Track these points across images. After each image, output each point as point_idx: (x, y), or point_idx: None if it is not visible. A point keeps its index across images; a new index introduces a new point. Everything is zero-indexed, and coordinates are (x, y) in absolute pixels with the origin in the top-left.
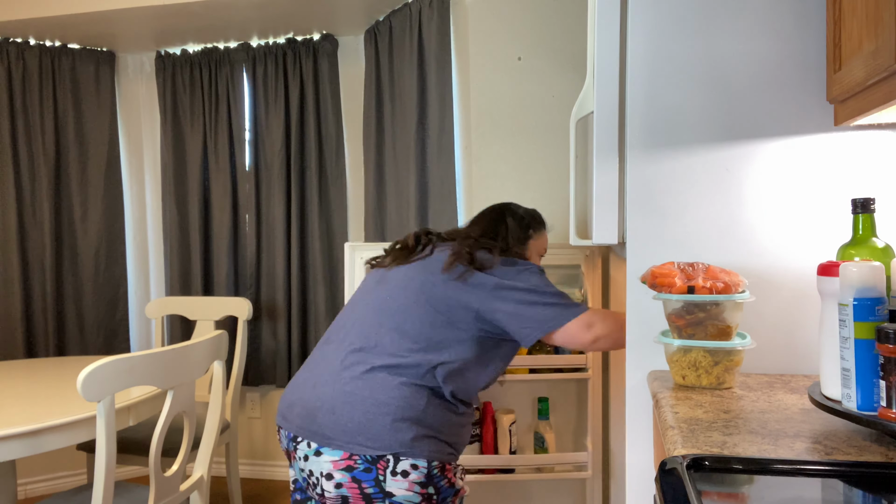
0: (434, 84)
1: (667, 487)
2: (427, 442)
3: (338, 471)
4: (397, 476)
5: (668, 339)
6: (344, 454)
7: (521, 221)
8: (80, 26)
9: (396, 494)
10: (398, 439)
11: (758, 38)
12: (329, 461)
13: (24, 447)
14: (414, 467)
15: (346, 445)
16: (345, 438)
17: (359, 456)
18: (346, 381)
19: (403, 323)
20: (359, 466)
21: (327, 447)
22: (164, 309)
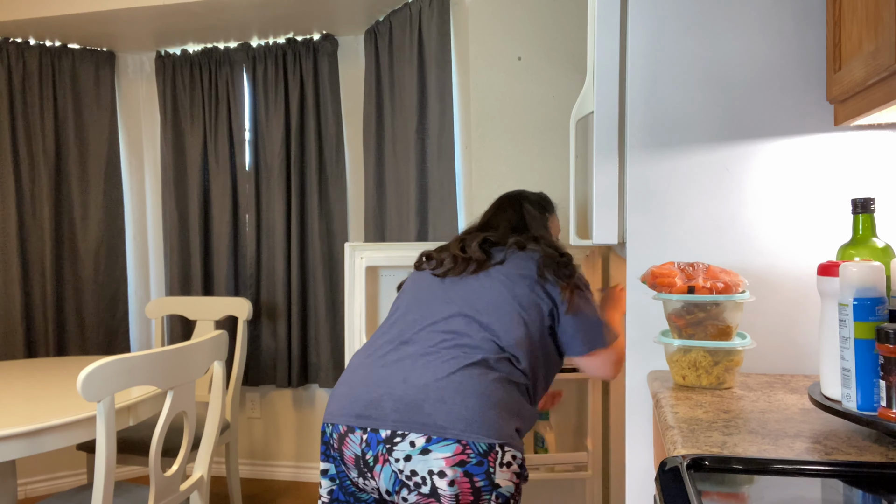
0: (434, 84)
1: (667, 487)
2: (518, 433)
3: (450, 467)
4: (503, 467)
5: (668, 339)
6: (458, 448)
7: (539, 206)
8: (80, 26)
9: (502, 486)
10: (505, 430)
11: (758, 38)
12: (441, 458)
13: (24, 447)
14: (514, 458)
15: (462, 434)
16: (461, 426)
17: (472, 448)
18: (452, 373)
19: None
20: (472, 460)
21: (440, 439)
22: (164, 309)
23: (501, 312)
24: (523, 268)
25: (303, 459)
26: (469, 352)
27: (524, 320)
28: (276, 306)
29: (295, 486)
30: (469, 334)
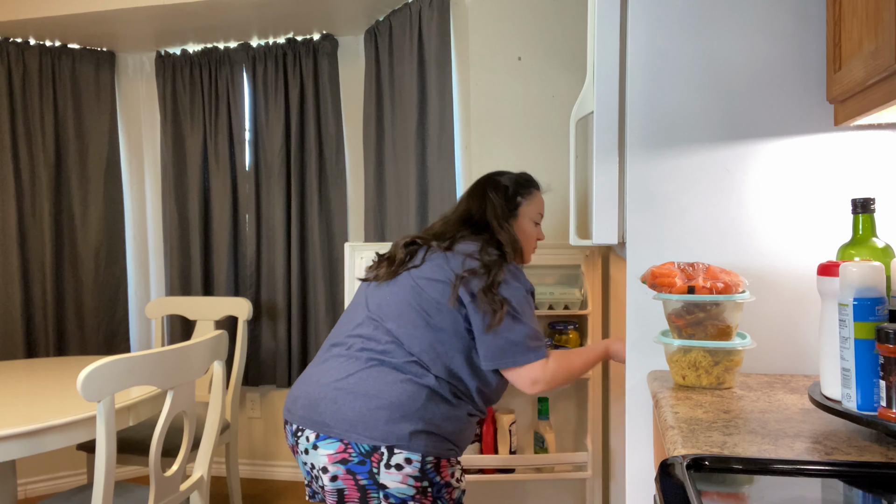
0: (434, 84)
1: (667, 487)
2: (423, 437)
3: (332, 464)
4: (391, 469)
5: (668, 339)
6: (340, 446)
7: (506, 193)
8: (80, 26)
9: (390, 486)
10: (394, 433)
11: (758, 38)
12: (325, 454)
13: (24, 447)
14: (408, 461)
15: (344, 434)
16: (343, 427)
17: (353, 448)
18: (350, 375)
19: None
20: (353, 459)
21: (325, 437)
22: (164, 309)
23: (404, 319)
24: (439, 272)
25: None
26: (375, 355)
27: (430, 325)
28: (276, 306)
29: (295, 486)
30: (376, 338)
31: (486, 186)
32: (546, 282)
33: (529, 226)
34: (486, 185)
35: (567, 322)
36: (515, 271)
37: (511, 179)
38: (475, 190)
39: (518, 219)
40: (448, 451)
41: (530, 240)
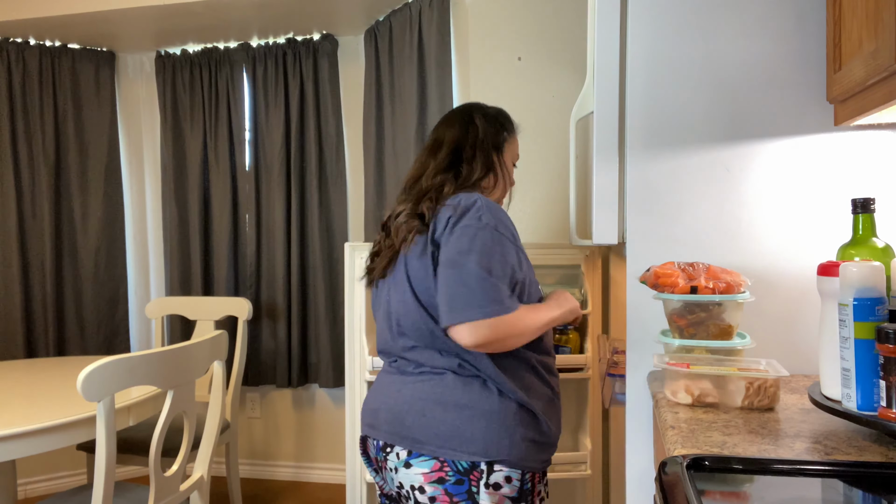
0: (434, 84)
1: (667, 487)
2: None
3: (429, 483)
4: (489, 488)
5: (669, 338)
6: (435, 464)
7: (494, 121)
8: (80, 26)
9: None
10: (494, 446)
11: (758, 38)
12: (420, 473)
13: (24, 447)
14: (507, 480)
15: (437, 450)
16: (437, 443)
17: (449, 466)
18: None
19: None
20: (450, 479)
21: (418, 455)
22: (164, 309)
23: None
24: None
25: (303, 459)
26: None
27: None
28: (276, 306)
29: (295, 486)
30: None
31: (473, 112)
32: (546, 282)
33: (509, 165)
34: (473, 111)
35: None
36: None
37: (498, 111)
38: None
39: (504, 154)
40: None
41: (506, 180)
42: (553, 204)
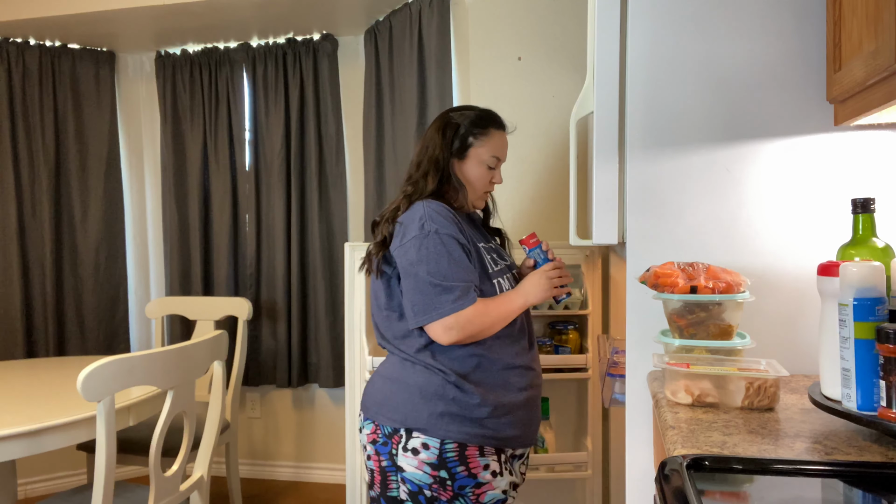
0: (434, 84)
1: (667, 487)
2: (443, 420)
3: (369, 444)
4: (407, 452)
5: (669, 338)
6: (372, 426)
7: (456, 132)
8: (80, 26)
9: (406, 470)
10: (413, 415)
11: (758, 38)
12: (365, 434)
13: (24, 447)
14: (424, 446)
15: (374, 415)
16: (374, 409)
17: (380, 429)
18: (385, 362)
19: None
20: (380, 440)
21: (366, 419)
22: (164, 309)
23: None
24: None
25: (303, 459)
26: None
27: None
28: (276, 306)
29: (295, 486)
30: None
31: (435, 124)
32: None
33: (478, 169)
34: (435, 123)
35: (567, 322)
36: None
37: (468, 117)
38: (429, 128)
39: (466, 161)
40: (474, 438)
41: (475, 183)
42: (553, 204)
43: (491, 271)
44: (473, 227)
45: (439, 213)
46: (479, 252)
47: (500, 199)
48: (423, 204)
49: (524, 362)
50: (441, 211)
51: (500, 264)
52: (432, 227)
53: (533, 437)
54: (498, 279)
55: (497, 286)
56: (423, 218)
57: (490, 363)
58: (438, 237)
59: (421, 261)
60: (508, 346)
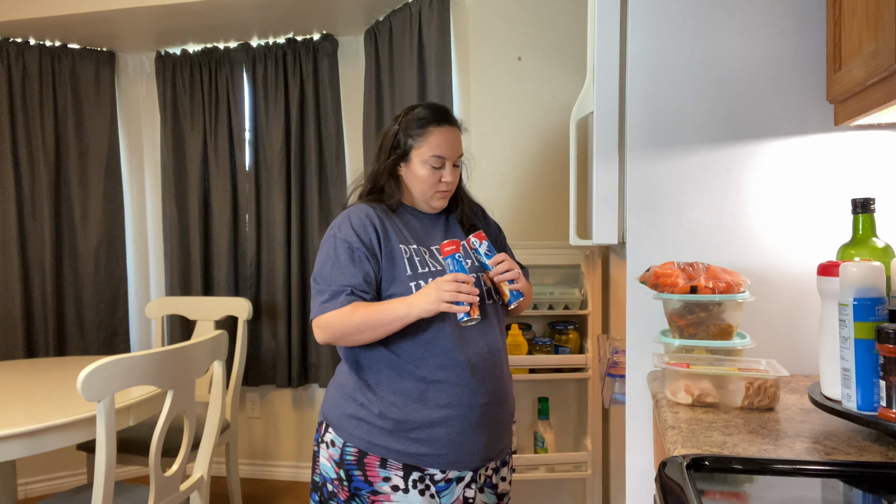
0: (434, 84)
1: (667, 487)
2: (351, 422)
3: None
4: (323, 444)
5: (669, 338)
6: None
7: (393, 140)
8: (80, 26)
9: (319, 460)
10: (331, 410)
11: (758, 38)
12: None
13: (24, 447)
14: (332, 443)
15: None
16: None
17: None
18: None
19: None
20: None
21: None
22: (164, 309)
23: None
24: None
25: (303, 459)
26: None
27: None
28: (276, 306)
29: (295, 486)
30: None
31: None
32: (546, 282)
33: (422, 169)
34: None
35: (567, 322)
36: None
37: (409, 119)
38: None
39: (410, 163)
40: (379, 449)
41: (422, 184)
42: (553, 204)
43: (408, 274)
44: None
45: (350, 218)
46: (394, 254)
47: (501, 198)
48: (349, 209)
49: (451, 378)
50: (357, 214)
51: (428, 266)
52: (333, 232)
53: (467, 459)
54: (419, 281)
55: (415, 289)
56: (334, 224)
57: (406, 374)
58: (334, 241)
59: (317, 263)
60: (429, 359)
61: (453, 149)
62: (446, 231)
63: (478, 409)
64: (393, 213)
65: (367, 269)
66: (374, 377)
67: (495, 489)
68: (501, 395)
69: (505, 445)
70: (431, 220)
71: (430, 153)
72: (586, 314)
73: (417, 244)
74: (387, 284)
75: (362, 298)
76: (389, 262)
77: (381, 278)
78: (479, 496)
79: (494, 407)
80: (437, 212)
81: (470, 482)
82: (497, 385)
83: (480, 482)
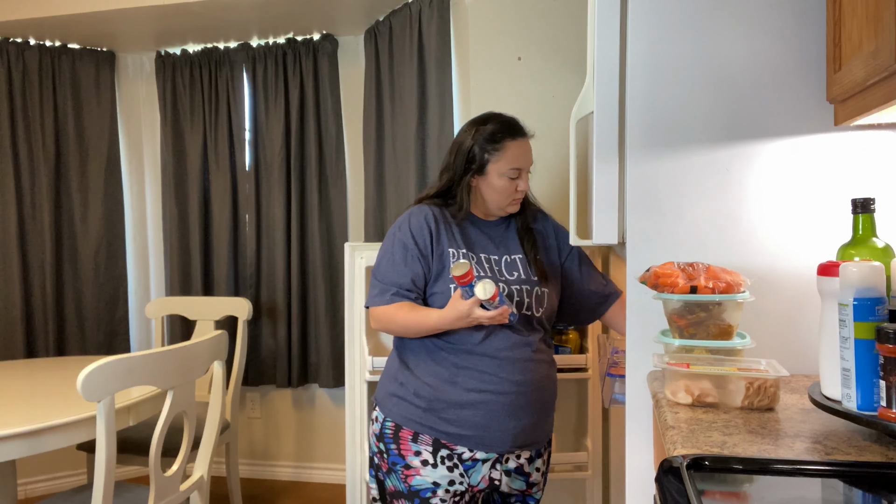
0: (434, 84)
1: (667, 487)
2: (391, 399)
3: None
4: (371, 420)
5: (669, 338)
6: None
7: (470, 153)
8: (80, 26)
9: (370, 433)
10: (380, 390)
11: (758, 38)
12: None
13: (24, 447)
14: (377, 419)
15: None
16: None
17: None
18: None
19: None
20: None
21: None
22: (164, 309)
23: None
24: None
25: (303, 459)
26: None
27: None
28: (276, 306)
29: (295, 486)
30: None
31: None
32: None
33: (499, 182)
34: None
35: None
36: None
37: (482, 133)
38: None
39: (486, 176)
40: (410, 423)
41: (500, 194)
42: (553, 204)
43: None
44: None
45: (411, 219)
46: (443, 256)
47: None
48: (412, 208)
49: (479, 366)
50: (417, 215)
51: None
52: (394, 230)
53: (494, 442)
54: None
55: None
56: (397, 222)
57: (441, 358)
58: (393, 239)
59: (377, 255)
60: (460, 346)
61: (528, 159)
62: (502, 240)
63: (505, 396)
64: (454, 220)
65: (416, 269)
66: (413, 359)
67: (527, 477)
68: (534, 386)
69: (539, 437)
70: (489, 227)
71: (507, 166)
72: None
73: (467, 249)
74: (432, 282)
75: (407, 297)
76: (438, 262)
77: (430, 277)
78: (506, 480)
79: (524, 396)
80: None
81: (495, 463)
82: (529, 376)
83: (510, 466)
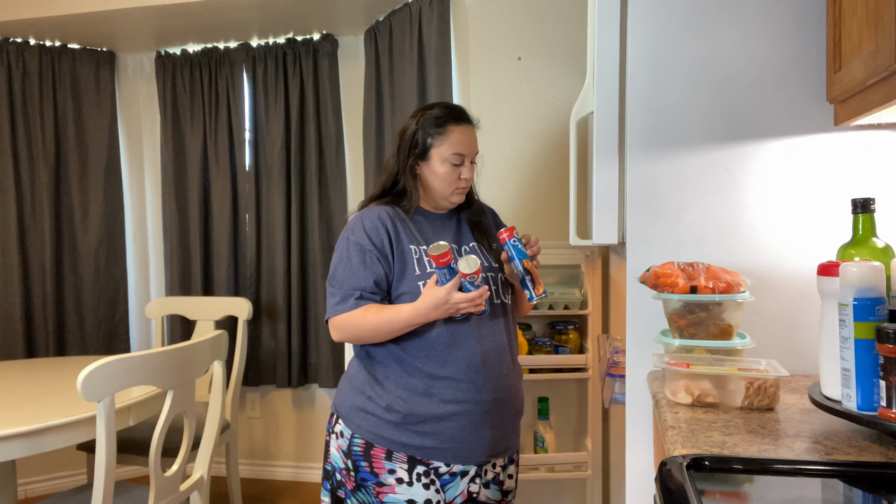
0: (434, 84)
1: (667, 487)
2: (361, 415)
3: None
4: (333, 434)
5: (669, 338)
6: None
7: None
8: (80, 26)
9: (330, 450)
10: (343, 402)
11: (758, 39)
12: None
13: (24, 447)
14: (341, 434)
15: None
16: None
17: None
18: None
19: None
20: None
21: None
22: (164, 309)
23: None
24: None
25: (303, 459)
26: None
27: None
28: (276, 306)
29: (295, 486)
30: None
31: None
32: (546, 282)
33: (441, 167)
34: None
35: (567, 322)
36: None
37: (427, 118)
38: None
39: (429, 161)
40: (385, 441)
41: (442, 181)
42: (553, 204)
43: (417, 273)
44: (422, 229)
45: (363, 220)
46: (405, 254)
47: (501, 198)
48: (361, 212)
49: (457, 374)
50: (369, 216)
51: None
52: (346, 234)
53: (472, 454)
54: (427, 281)
55: (423, 287)
56: (348, 226)
57: (413, 369)
58: (347, 243)
59: (331, 264)
60: (435, 356)
61: (472, 146)
62: (456, 232)
63: (483, 405)
64: (406, 214)
65: (377, 271)
66: (382, 371)
67: (501, 486)
68: (508, 393)
69: (512, 443)
70: (442, 221)
71: (450, 151)
72: (586, 314)
73: (427, 244)
74: (396, 283)
75: (372, 300)
76: (400, 261)
77: (392, 278)
78: (484, 491)
79: (500, 404)
80: (451, 209)
81: (474, 476)
82: (503, 382)
83: (487, 478)
